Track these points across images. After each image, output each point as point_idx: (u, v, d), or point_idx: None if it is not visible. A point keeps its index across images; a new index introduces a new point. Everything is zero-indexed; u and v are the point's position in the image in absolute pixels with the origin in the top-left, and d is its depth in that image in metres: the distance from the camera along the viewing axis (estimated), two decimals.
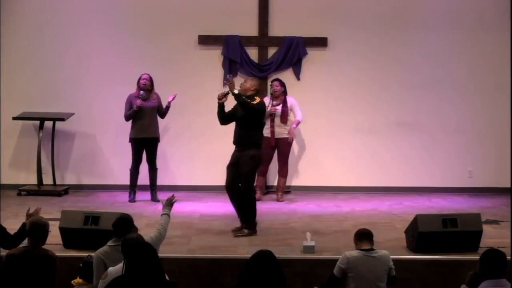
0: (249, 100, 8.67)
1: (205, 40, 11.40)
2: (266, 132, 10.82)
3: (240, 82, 11.34)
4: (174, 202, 6.96)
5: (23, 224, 6.73)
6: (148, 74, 10.54)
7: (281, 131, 10.84)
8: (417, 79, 11.48)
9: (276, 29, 11.43)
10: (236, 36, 11.35)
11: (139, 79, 10.50)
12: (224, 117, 8.92)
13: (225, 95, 8.72)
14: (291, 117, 10.94)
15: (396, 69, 11.49)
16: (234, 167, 8.79)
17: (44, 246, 6.16)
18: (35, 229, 6.09)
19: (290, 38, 11.37)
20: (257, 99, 8.79)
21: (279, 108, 10.78)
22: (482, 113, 11.53)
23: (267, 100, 10.83)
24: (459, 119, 11.54)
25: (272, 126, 10.79)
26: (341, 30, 11.42)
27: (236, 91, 8.62)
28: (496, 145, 11.47)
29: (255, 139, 8.76)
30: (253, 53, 11.46)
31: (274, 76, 11.35)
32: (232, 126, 11.27)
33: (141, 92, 10.41)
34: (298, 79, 11.48)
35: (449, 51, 11.47)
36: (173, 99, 10.53)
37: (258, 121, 8.79)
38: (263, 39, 11.44)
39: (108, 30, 11.38)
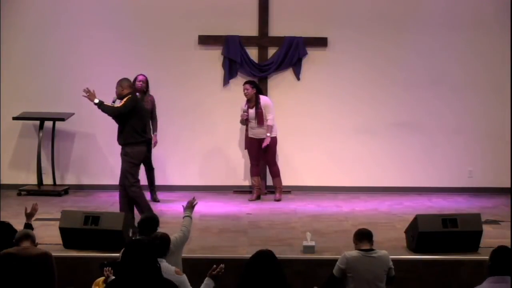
0: (111, 104, 9.09)
1: (205, 40, 11.40)
2: (248, 133, 10.83)
3: (238, 83, 11.46)
4: (195, 205, 7.20)
5: (26, 224, 6.77)
6: (144, 76, 10.51)
7: (261, 132, 10.77)
8: (418, 80, 11.48)
9: (276, 29, 11.43)
10: (236, 36, 11.35)
11: (135, 80, 10.45)
12: None
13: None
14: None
15: (396, 69, 11.49)
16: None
17: (44, 246, 6.18)
18: (27, 234, 6.15)
19: (290, 38, 11.37)
20: (126, 98, 9.02)
21: (251, 111, 10.73)
22: (481, 113, 11.53)
23: (244, 104, 10.80)
24: (459, 120, 11.54)
25: (247, 130, 10.80)
26: (341, 30, 11.42)
27: (96, 100, 9.02)
28: (496, 145, 11.47)
29: (128, 137, 9.01)
30: (253, 53, 11.46)
31: (274, 76, 11.35)
32: (236, 127, 11.36)
33: (137, 94, 10.34)
34: (298, 79, 11.48)
35: (448, 52, 11.47)
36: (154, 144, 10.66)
37: (128, 119, 8.98)
38: (263, 39, 11.44)
39: (108, 30, 11.38)
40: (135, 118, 9.00)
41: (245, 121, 10.78)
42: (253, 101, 10.74)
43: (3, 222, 6.64)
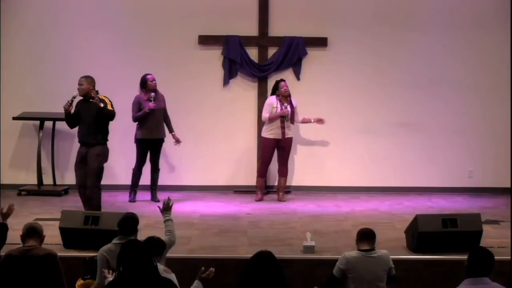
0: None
1: (205, 40, 11.40)
2: (276, 132, 10.74)
3: (238, 83, 11.46)
4: (171, 205, 6.98)
5: (1, 224, 6.73)
6: (152, 75, 10.54)
7: (287, 132, 10.80)
8: (418, 80, 11.48)
9: (276, 29, 11.43)
10: (236, 36, 11.35)
11: (146, 80, 10.44)
12: (73, 122, 9.49)
13: (70, 104, 9.31)
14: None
15: (396, 69, 11.49)
16: (82, 165, 9.34)
17: (44, 246, 6.17)
18: (34, 230, 6.12)
19: (290, 38, 11.37)
20: (108, 100, 9.38)
21: (289, 109, 10.76)
22: (481, 114, 11.53)
23: (274, 100, 10.80)
24: (459, 120, 11.54)
25: (283, 128, 10.75)
26: (341, 30, 11.42)
27: (102, 104, 9.23)
28: (496, 145, 11.47)
29: (104, 137, 9.44)
30: (253, 53, 11.45)
31: (274, 76, 11.34)
32: (236, 127, 11.37)
33: (153, 94, 10.40)
34: (298, 79, 11.48)
35: (448, 52, 11.47)
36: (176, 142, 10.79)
37: (108, 120, 9.40)
38: (263, 39, 11.44)
39: (108, 30, 11.38)
40: (108, 120, 9.43)
41: (281, 118, 10.69)
42: (287, 100, 10.76)
43: None
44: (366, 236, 6.55)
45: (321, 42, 11.43)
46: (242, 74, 11.47)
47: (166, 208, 6.91)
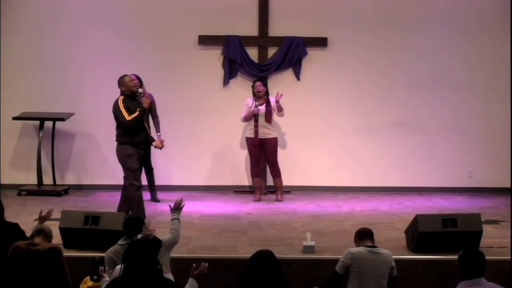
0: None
1: (205, 40, 11.40)
2: (250, 132, 10.80)
3: (238, 83, 11.46)
4: (182, 206, 7.04)
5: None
6: (135, 75, 10.45)
7: (266, 131, 10.79)
8: (418, 80, 11.48)
9: (276, 29, 11.43)
10: (236, 36, 11.35)
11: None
12: None
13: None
14: (274, 117, 10.87)
15: (396, 69, 11.49)
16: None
17: None
18: (42, 231, 6.31)
19: (290, 38, 11.37)
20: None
21: (262, 108, 10.75)
22: (481, 114, 11.54)
23: (250, 100, 10.82)
24: (458, 120, 11.54)
25: (256, 126, 10.75)
26: (341, 30, 11.42)
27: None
28: (495, 145, 11.47)
29: None
30: (253, 53, 11.46)
31: (274, 76, 11.35)
32: (236, 127, 11.35)
33: None
34: (298, 79, 11.48)
35: (448, 52, 11.47)
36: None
37: None
38: (263, 39, 11.44)
39: (108, 30, 11.38)
40: None
41: (253, 117, 10.72)
42: (263, 99, 10.77)
43: (11, 223, 6.64)
44: (367, 234, 6.54)
45: (321, 42, 11.43)
46: (242, 74, 11.47)
47: (177, 208, 6.98)
